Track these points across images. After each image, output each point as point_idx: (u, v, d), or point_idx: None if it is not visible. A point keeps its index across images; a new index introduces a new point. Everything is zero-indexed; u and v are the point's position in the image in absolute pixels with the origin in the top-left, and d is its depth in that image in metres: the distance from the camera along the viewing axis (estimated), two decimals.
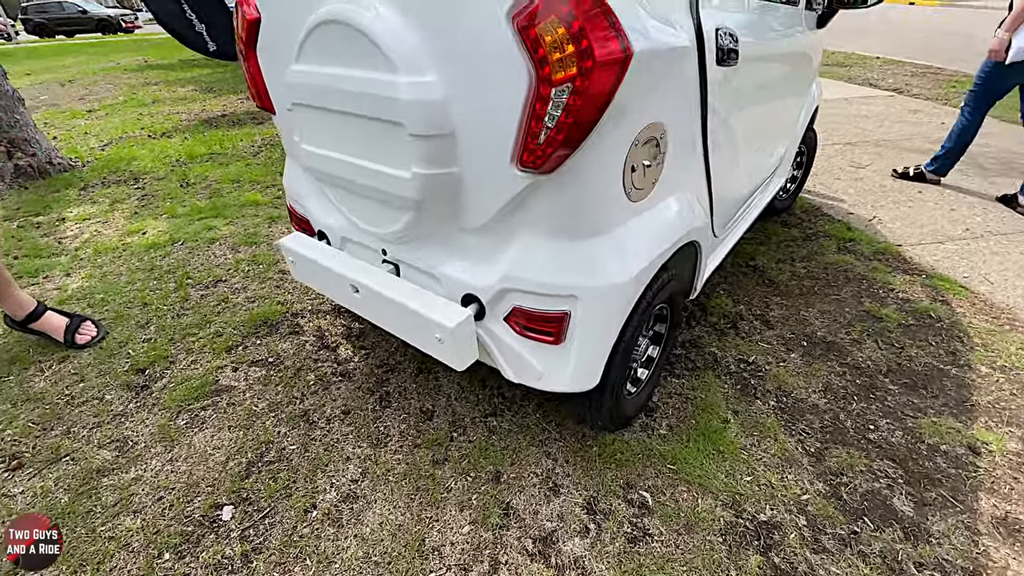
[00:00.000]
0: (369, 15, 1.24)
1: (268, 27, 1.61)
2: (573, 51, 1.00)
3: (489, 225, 1.36)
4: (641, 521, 1.54)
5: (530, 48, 1.04)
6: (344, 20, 1.27)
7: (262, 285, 2.72)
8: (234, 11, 1.72)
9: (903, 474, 1.68)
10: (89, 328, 2.29)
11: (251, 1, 1.64)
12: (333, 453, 1.76)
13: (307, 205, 1.92)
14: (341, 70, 1.34)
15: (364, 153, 1.42)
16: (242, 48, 1.72)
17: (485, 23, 1.10)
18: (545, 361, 1.45)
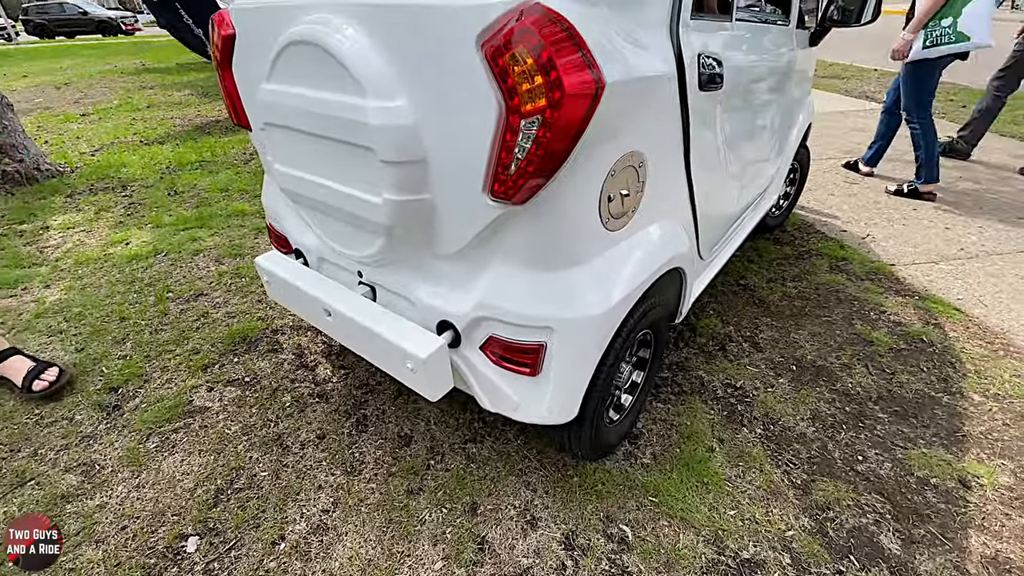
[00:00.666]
0: (337, 36, 1.20)
1: (243, 44, 1.57)
2: (542, 82, 0.96)
3: (464, 252, 1.32)
4: (620, 558, 1.49)
5: (499, 77, 1.00)
6: (312, 40, 1.23)
7: (243, 299, 2.67)
8: (210, 26, 1.68)
9: (891, 509, 1.63)
10: (50, 374, 2.06)
11: (226, 17, 1.61)
12: (305, 481, 1.71)
13: (285, 224, 1.88)
14: (310, 91, 1.30)
15: (336, 176, 1.38)
16: (218, 64, 1.68)
17: (454, 49, 1.06)
18: (521, 392, 1.41)
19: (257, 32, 1.50)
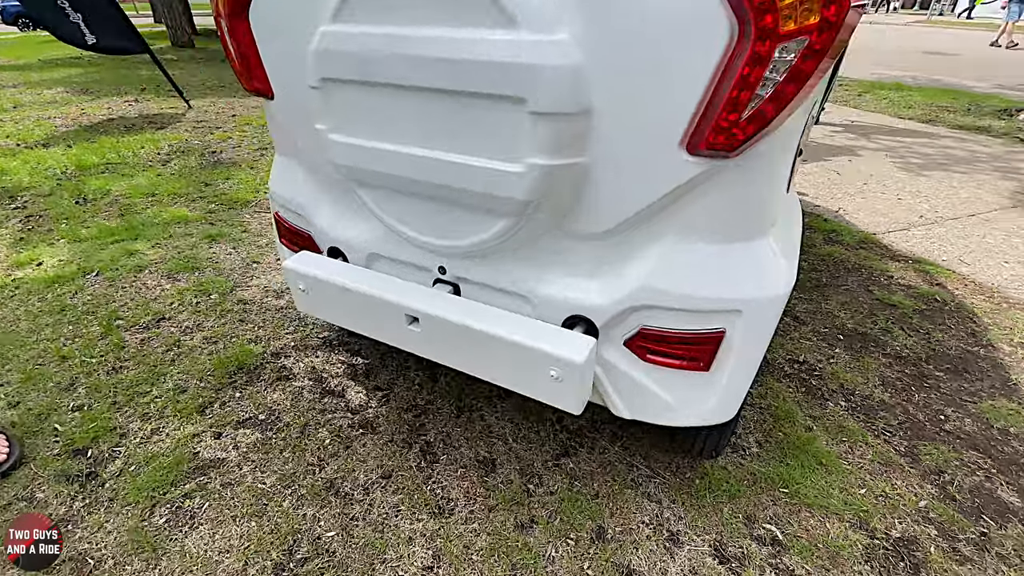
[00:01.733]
0: None
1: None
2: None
3: (618, 229, 1.08)
4: (780, 561, 1.33)
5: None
6: None
7: (221, 321, 2.18)
8: None
9: (992, 463, 1.64)
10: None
11: None
12: (387, 534, 1.37)
13: (312, 215, 1.50)
14: (417, 29, 1.00)
15: (445, 142, 1.08)
16: (223, 12, 1.28)
17: None
18: (680, 392, 1.20)
19: None
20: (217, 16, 1.32)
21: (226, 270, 2.56)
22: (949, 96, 6.83)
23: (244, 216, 3.17)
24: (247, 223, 3.07)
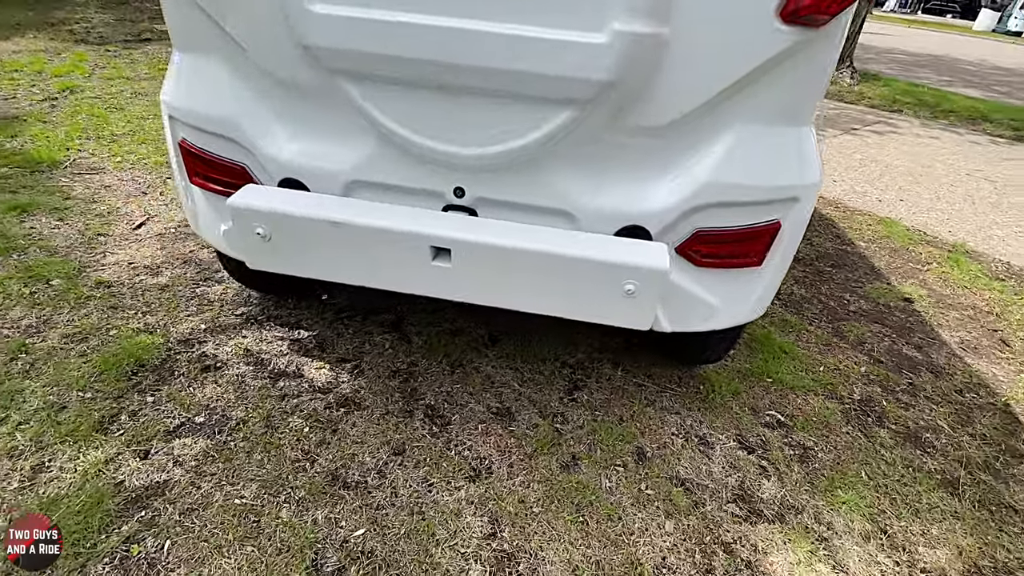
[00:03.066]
0: None
1: None
2: None
3: (689, 118, 0.99)
4: (792, 438, 1.46)
5: None
6: None
7: (81, 312, 1.59)
8: None
9: (891, 330, 2.01)
10: None
11: None
12: (428, 513, 1.15)
13: (252, 135, 1.12)
14: None
15: (496, 8, 0.86)
16: None
17: None
18: (728, 292, 1.19)
19: None
20: None
21: (60, 248, 1.87)
22: None
23: (58, 180, 2.34)
24: (67, 188, 2.28)
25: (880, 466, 1.42)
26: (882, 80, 7.29)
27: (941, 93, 6.83)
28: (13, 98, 3.45)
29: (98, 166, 2.54)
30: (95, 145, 2.77)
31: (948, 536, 1.26)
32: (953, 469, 1.44)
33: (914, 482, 1.38)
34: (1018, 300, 2.30)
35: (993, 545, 1.25)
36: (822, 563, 1.16)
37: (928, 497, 1.35)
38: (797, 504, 1.28)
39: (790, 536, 1.20)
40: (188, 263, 1.90)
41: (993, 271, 2.53)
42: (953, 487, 1.39)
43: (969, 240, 2.82)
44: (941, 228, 2.95)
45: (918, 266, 2.51)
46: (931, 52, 11.32)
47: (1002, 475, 1.44)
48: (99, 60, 4.67)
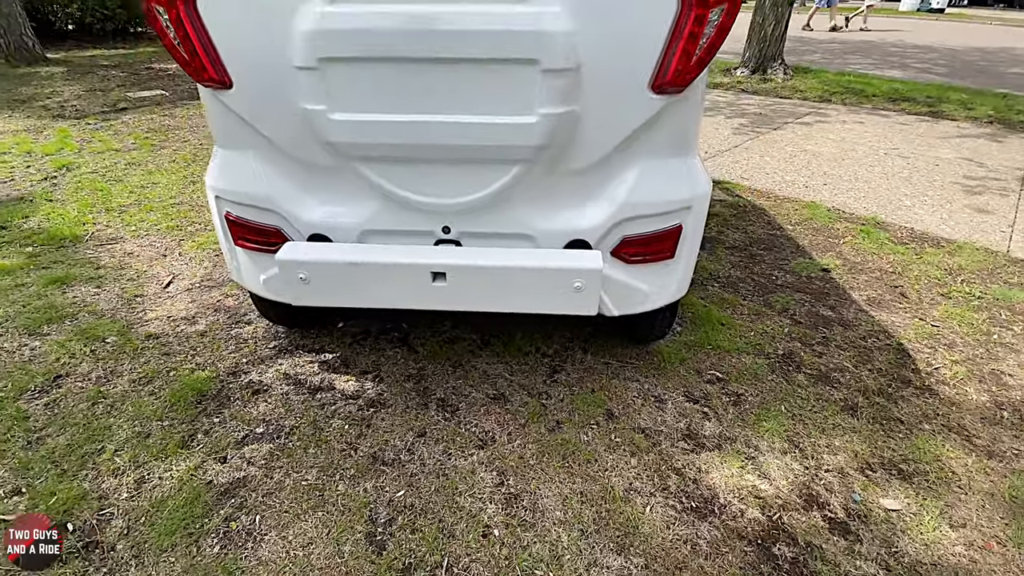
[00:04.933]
0: None
1: None
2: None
3: (603, 161, 1.39)
4: (729, 389, 1.85)
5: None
6: None
7: (140, 361, 1.92)
8: None
9: (810, 296, 2.43)
10: None
11: None
12: (451, 474, 1.51)
13: (284, 206, 1.49)
14: (431, 5, 1.14)
15: (462, 106, 1.25)
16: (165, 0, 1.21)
17: None
18: (653, 280, 1.58)
19: None
20: (154, 3, 1.23)
21: (106, 311, 2.19)
22: None
23: (84, 252, 2.66)
24: (95, 259, 2.59)
25: (796, 401, 1.81)
26: (813, 72, 7.91)
27: (866, 79, 7.44)
28: (11, 180, 3.74)
29: (117, 236, 2.86)
30: (107, 217, 3.09)
31: (847, 445, 1.65)
32: (854, 397, 1.84)
33: (823, 410, 1.78)
34: (917, 260, 2.75)
35: (881, 448, 1.65)
36: (750, 474, 1.54)
37: (833, 419, 1.74)
38: (731, 436, 1.67)
39: (725, 459, 1.58)
40: (218, 311, 2.23)
41: (898, 237, 2.99)
42: (853, 410, 1.79)
43: (881, 212, 3.29)
44: (857, 205, 3.42)
45: (835, 240, 2.96)
46: (860, 38, 12.17)
47: (892, 397, 1.85)
48: (83, 135, 4.94)
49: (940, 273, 2.60)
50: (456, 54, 1.18)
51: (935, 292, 2.45)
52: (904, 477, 1.54)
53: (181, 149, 4.42)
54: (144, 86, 7.35)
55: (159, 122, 5.38)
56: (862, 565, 1.31)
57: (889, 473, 1.55)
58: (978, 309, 2.32)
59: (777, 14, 7.37)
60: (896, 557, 1.33)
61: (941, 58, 9.66)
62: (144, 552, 1.28)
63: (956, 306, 2.34)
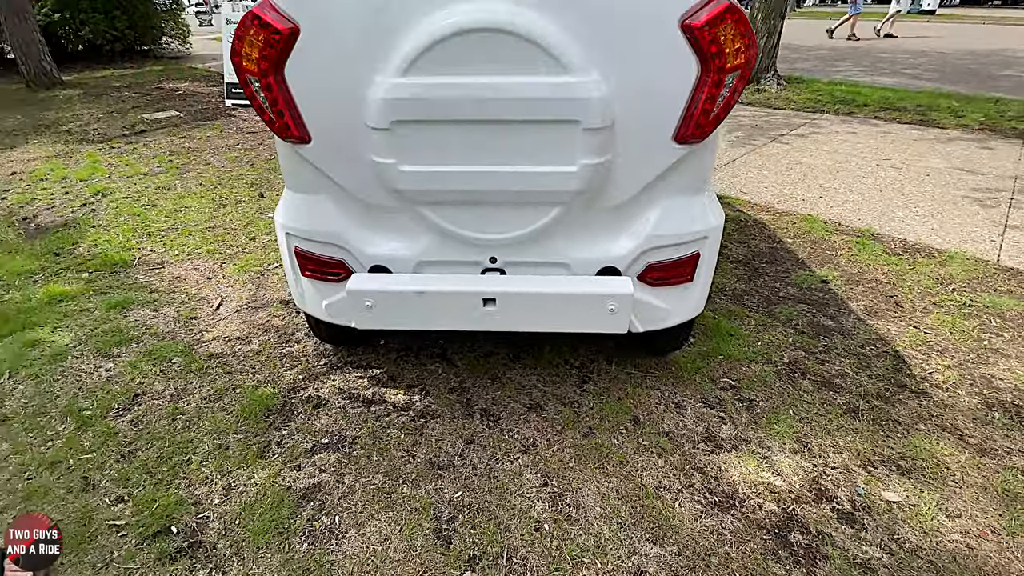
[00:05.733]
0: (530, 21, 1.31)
1: (316, 40, 1.40)
2: (741, 46, 1.36)
3: (632, 200, 1.60)
4: (742, 395, 2.05)
5: (704, 46, 1.34)
6: (503, 28, 1.30)
7: (207, 380, 2.11)
8: (247, 24, 1.39)
9: (812, 307, 2.64)
10: None
11: (277, 8, 1.38)
12: (501, 476, 1.70)
13: (350, 242, 1.69)
14: (490, 78, 1.35)
15: (513, 158, 1.45)
16: (261, 68, 1.42)
17: (653, 27, 1.34)
18: (674, 300, 1.78)
19: (352, 23, 1.38)
20: (249, 73, 1.43)
21: (166, 333, 2.38)
22: None
23: (135, 277, 2.85)
24: (147, 284, 2.79)
25: (803, 405, 2.01)
26: (805, 82, 8.15)
27: (856, 88, 7.68)
28: (54, 207, 3.94)
29: (163, 260, 3.05)
30: (150, 243, 3.28)
31: (850, 444, 1.85)
32: (855, 400, 2.04)
33: (827, 413, 1.98)
34: (910, 270, 2.96)
35: (881, 446, 1.85)
36: (765, 472, 1.73)
37: (837, 421, 1.94)
38: (746, 437, 1.86)
39: (742, 458, 1.78)
40: (268, 330, 2.43)
41: (892, 248, 3.19)
42: (855, 412, 1.99)
43: (875, 224, 3.50)
44: (852, 217, 3.63)
45: (833, 252, 3.16)
46: (851, 44, 12.45)
47: (890, 400, 2.05)
48: (110, 159, 5.14)
49: (932, 283, 2.80)
50: (509, 117, 1.38)
51: (928, 301, 2.66)
52: (903, 472, 1.74)
53: (205, 172, 4.62)
54: (158, 107, 7.55)
55: (179, 144, 5.58)
56: (868, 550, 1.50)
57: (889, 469, 1.75)
58: (969, 316, 2.53)
59: (770, 27, 7.63)
60: (898, 543, 1.52)
61: (931, 62, 9.91)
62: (243, 550, 1.47)
63: (948, 314, 2.55)
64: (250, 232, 3.40)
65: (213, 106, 7.34)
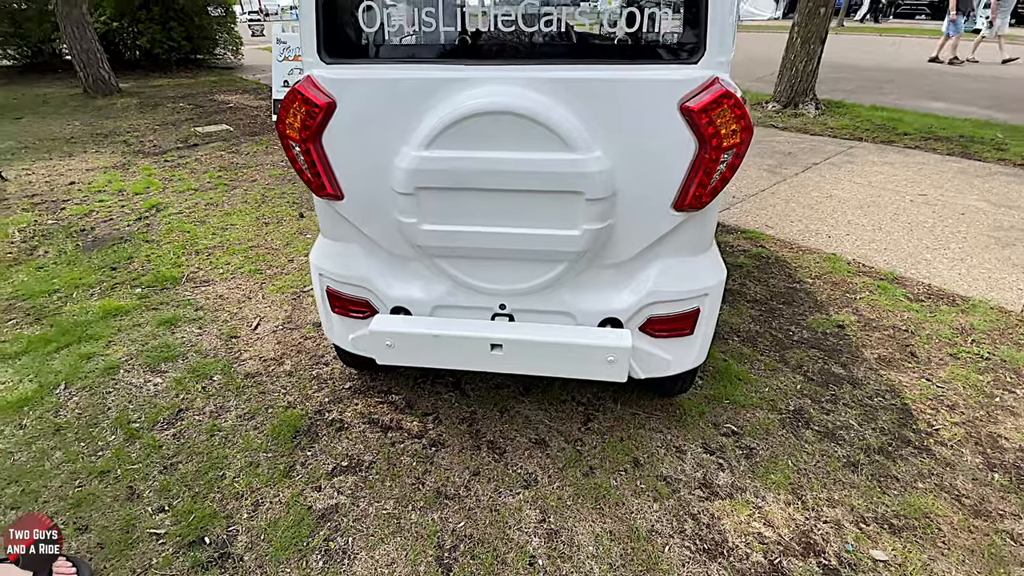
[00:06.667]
0: (540, 105, 1.44)
1: (351, 115, 1.57)
2: (736, 127, 1.45)
3: (632, 259, 1.70)
4: (743, 442, 2.11)
5: (701, 128, 1.45)
6: (513, 111, 1.44)
7: (243, 398, 2.31)
8: (291, 97, 1.57)
9: (824, 353, 2.66)
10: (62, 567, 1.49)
11: (318, 85, 1.55)
12: (501, 510, 1.82)
13: (375, 285, 1.85)
14: (503, 154, 1.49)
15: (522, 222, 1.58)
16: (302, 136, 1.59)
17: (653, 109, 1.46)
18: (675, 351, 1.87)
19: (383, 103, 1.54)
20: (291, 140, 1.61)
21: (209, 351, 2.60)
22: None
23: (183, 294, 3.11)
24: (193, 301, 3.04)
25: (803, 456, 2.06)
26: (845, 107, 8.00)
27: (898, 114, 7.49)
28: (111, 220, 4.29)
29: (208, 279, 3.31)
30: (198, 260, 3.56)
31: (845, 499, 1.89)
32: (856, 454, 2.07)
33: (826, 465, 2.02)
34: (930, 318, 2.93)
35: (876, 503, 1.88)
36: (756, 522, 1.80)
37: (835, 475, 1.98)
38: (742, 486, 1.93)
39: (736, 507, 1.85)
40: (301, 352, 2.62)
41: (915, 294, 3.17)
42: (854, 466, 2.02)
43: (900, 267, 3.47)
44: (878, 258, 3.60)
45: (853, 295, 3.16)
46: (898, 65, 12.08)
47: (892, 456, 2.07)
48: (164, 173, 5.52)
49: (951, 332, 2.78)
50: (520, 187, 1.52)
51: (944, 352, 2.65)
52: (894, 531, 1.77)
53: (251, 189, 4.93)
54: (210, 119, 8.02)
55: (228, 159, 5.94)
56: None
57: (881, 527, 1.79)
58: (984, 371, 2.51)
59: (809, 51, 7.53)
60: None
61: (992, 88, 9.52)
62: (266, 563, 1.64)
63: (963, 367, 2.53)
64: (289, 253, 3.64)
65: (260, 121, 7.76)
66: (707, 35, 1.42)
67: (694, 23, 1.43)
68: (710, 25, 1.42)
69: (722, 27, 1.43)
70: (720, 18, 1.42)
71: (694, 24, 1.43)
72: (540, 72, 1.45)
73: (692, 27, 1.43)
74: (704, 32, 1.42)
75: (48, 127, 7.53)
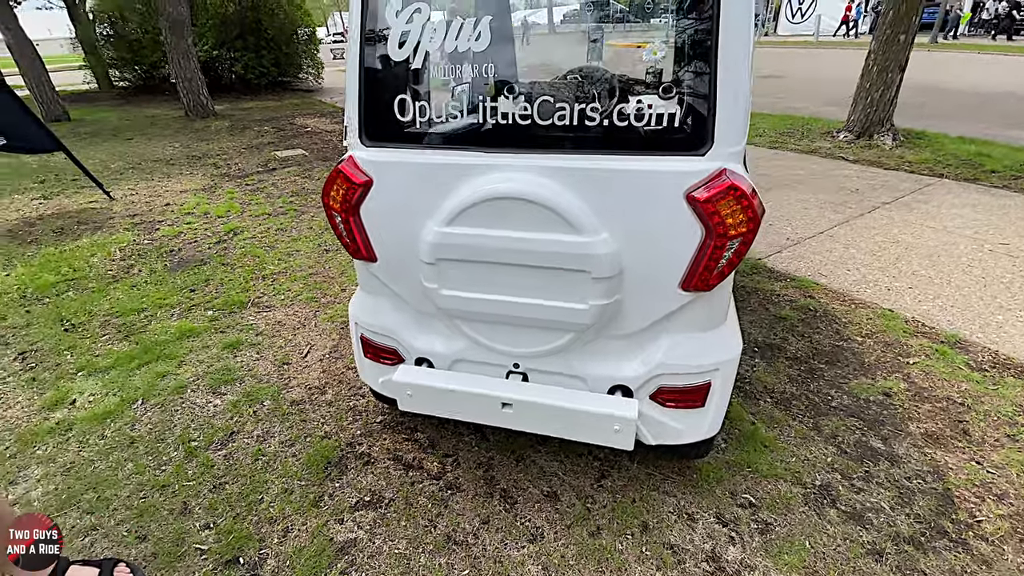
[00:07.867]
0: (551, 193, 1.54)
1: (385, 192, 1.74)
2: (743, 218, 1.48)
3: (642, 331, 1.75)
4: (759, 516, 2.07)
5: (707, 217, 1.49)
6: (525, 197, 1.55)
7: (286, 425, 2.54)
8: (338, 176, 1.77)
9: (863, 423, 2.53)
10: (122, 572, 1.74)
11: (358, 165, 1.74)
12: (505, 562, 1.90)
13: (402, 336, 2.01)
14: (515, 233, 1.60)
15: (532, 294, 1.68)
16: (343, 207, 1.78)
17: (661, 198, 1.51)
18: (686, 421, 1.89)
19: (412, 185, 1.70)
20: (333, 210, 1.81)
21: (263, 376, 2.88)
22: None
23: (247, 319, 3.44)
24: (255, 326, 3.36)
25: (823, 538, 1.98)
26: (927, 137, 7.44)
27: (988, 147, 6.87)
28: (195, 242, 4.78)
29: (270, 304, 3.65)
30: (263, 285, 3.92)
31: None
32: (882, 542, 1.97)
33: (847, 551, 1.94)
34: (992, 391, 2.71)
35: None
36: None
37: (855, 563, 1.90)
38: (752, 564, 1.89)
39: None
40: (342, 382, 2.84)
41: (978, 362, 2.93)
42: (879, 555, 1.92)
43: (965, 329, 3.22)
44: (941, 317, 3.36)
45: (906, 359, 2.98)
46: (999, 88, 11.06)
47: (923, 547, 1.95)
48: (244, 196, 6.07)
49: (1013, 410, 2.56)
50: (531, 263, 1.62)
51: (1001, 432, 2.44)
52: None
53: (317, 216, 5.34)
54: (288, 144, 8.72)
55: (300, 184, 6.45)
56: None
57: None
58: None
59: (887, 80, 7.13)
60: None
61: None
62: None
63: (1020, 451, 2.33)
64: (343, 282, 3.93)
65: (333, 145, 8.35)
66: (715, 127, 1.47)
67: (701, 115, 1.48)
68: (718, 116, 1.47)
69: (730, 118, 1.47)
70: (727, 110, 1.46)
71: (701, 116, 1.48)
72: (552, 161, 1.56)
73: (699, 119, 1.48)
74: (711, 124, 1.47)
75: (152, 148, 8.50)
